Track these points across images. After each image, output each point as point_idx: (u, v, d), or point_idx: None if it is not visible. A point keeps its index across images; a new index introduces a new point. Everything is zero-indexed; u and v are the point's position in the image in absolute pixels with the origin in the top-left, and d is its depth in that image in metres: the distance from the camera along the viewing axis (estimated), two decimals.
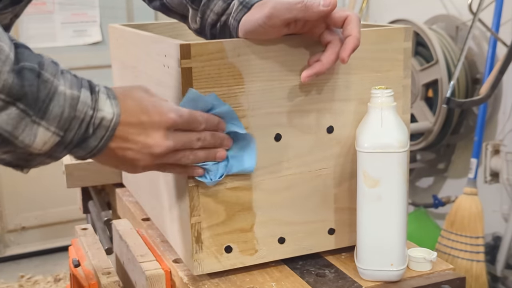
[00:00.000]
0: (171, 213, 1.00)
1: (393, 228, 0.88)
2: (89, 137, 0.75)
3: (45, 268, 3.07)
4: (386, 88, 0.88)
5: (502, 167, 2.29)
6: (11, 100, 0.69)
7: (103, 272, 1.09)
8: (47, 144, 0.73)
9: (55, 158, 0.77)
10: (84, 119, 0.74)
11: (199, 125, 0.83)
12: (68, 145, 0.75)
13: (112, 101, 0.77)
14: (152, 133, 0.79)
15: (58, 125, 0.72)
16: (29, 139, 0.71)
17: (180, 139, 0.81)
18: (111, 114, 0.76)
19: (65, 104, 0.72)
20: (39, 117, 0.71)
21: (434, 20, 2.57)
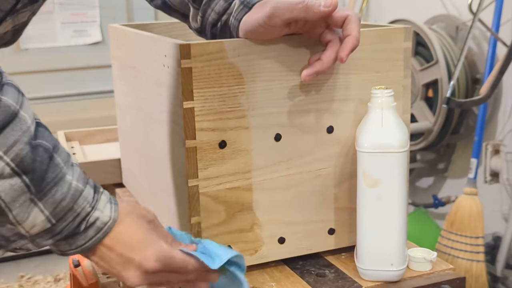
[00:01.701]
0: (171, 213, 0.99)
1: (393, 228, 0.88)
2: (79, 234, 0.74)
3: (45, 268, 3.07)
4: (386, 88, 0.88)
5: (502, 167, 2.29)
6: (19, 171, 0.68)
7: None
8: (36, 228, 0.71)
9: (36, 246, 0.74)
10: (80, 214, 0.73)
11: (186, 274, 0.79)
12: (55, 235, 0.73)
13: (113, 206, 0.75)
14: (130, 269, 0.76)
15: (53, 212, 0.71)
16: (22, 217, 0.70)
17: (158, 280, 0.78)
18: (108, 217, 0.74)
19: (68, 194, 0.71)
20: (38, 197, 0.70)
21: (434, 20, 2.57)
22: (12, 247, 0.75)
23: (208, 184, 0.89)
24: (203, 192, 0.89)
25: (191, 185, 0.88)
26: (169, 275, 0.78)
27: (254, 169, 0.91)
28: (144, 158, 1.14)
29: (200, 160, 0.88)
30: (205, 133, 0.87)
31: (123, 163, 1.39)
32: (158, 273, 0.77)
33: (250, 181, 0.91)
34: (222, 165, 0.89)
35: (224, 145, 0.89)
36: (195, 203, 0.89)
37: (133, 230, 0.76)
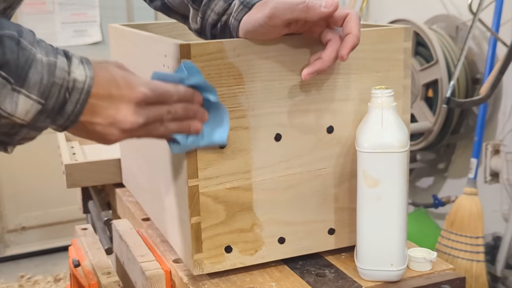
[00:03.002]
0: (171, 213, 1.00)
1: (393, 228, 0.88)
2: (67, 103, 0.74)
3: (45, 268, 3.07)
4: (386, 88, 0.88)
5: (502, 167, 2.29)
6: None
7: (103, 272, 1.09)
8: (30, 113, 0.73)
9: (38, 129, 0.76)
10: (63, 85, 0.73)
11: (170, 97, 0.81)
12: (50, 113, 0.74)
13: (85, 65, 0.76)
14: (122, 107, 0.77)
15: (39, 93, 0.72)
16: (11, 107, 0.71)
17: (150, 113, 0.80)
18: (83, 76, 0.75)
19: (43, 71, 0.72)
20: (19, 85, 0.71)
21: (434, 20, 2.57)
22: (16, 140, 0.77)
23: (208, 184, 0.89)
24: (203, 192, 0.89)
25: (191, 185, 0.88)
26: (158, 108, 0.80)
27: (254, 169, 0.91)
28: (144, 158, 1.14)
29: (200, 160, 0.88)
30: None
31: (123, 163, 1.39)
32: (149, 106, 0.79)
33: (250, 181, 0.91)
34: (222, 165, 0.89)
35: (224, 145, 0.89)
36: (195, 203, 0.89)
37: (113, 73, 0.78)
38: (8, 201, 3.16)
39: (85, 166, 1.50)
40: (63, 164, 1.50)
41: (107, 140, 0.80)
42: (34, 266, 3.11)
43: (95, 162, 1.50)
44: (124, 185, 1.42)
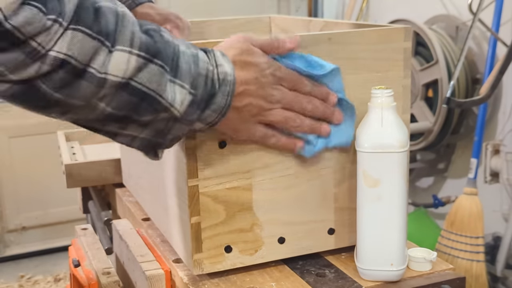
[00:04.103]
0: (171, 213, 1.00)
1: (393, 228, 0.88)
2: (216, 94, 0.76)
3: (45, 268, 3.08)
4: (386, 88, 0.88)
5: (502, 167, 2.29)
6: (150, 57, 0.70)
7: (103, 272, 1.09)
8: (184, 103, 0.74)
9: (189, 124, 0.77)
10: (208, 76, 0.75)
11: (304, 86, 0.83)
12: (199, 103, 0.75)
13: (225, 57, 0.78)
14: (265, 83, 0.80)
15: (189, 82, 0.74)
16: (172, 96, 0.73)
17: (287, 94, 0.82)
18: (231, 69, 0.77)
19: (190, 61, 0.74)
20: (173, 75, 0.73)
21: (434, 20, 2.57)
22: (169, 139, 0.79)
23: (208, 184, 0.89)
24: (203, 192, 0.89)
25: (191, 185, 0.88)
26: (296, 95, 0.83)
27: (254, 169, 0.91)
28: (144, 158, 1.14)
29: (200, 160, 0.88)
30: (205, 133, 0.87)
31: (123, 163, 1.39)
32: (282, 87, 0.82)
33: (250, 181, 0.91)
34: (222, 165, 0.89)
35: (224, 145, 0.89)
36: (195, 203, 0.89)
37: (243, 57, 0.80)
38: (8, 201, 3.16)
39: (85, 166, 1.50)
40: (63, 164, 1.50)
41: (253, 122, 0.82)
42: (34, 266, 3.11)
43: (95, 162, 1.50)
44: (124, 185, 1.42)
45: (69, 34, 0.65)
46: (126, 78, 0.69)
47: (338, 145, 0.90)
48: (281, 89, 0.82)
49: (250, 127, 0.83)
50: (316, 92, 0.85)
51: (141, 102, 0.72)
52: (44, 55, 0.64)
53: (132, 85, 0.70)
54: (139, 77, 0.70)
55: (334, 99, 0.87)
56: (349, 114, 0.90)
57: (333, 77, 0.86)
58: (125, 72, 0.69)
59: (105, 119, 0.73)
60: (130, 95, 0.71)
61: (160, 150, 0.81)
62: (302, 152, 0.88)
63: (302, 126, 0.85)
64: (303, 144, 0.88)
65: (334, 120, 0.88)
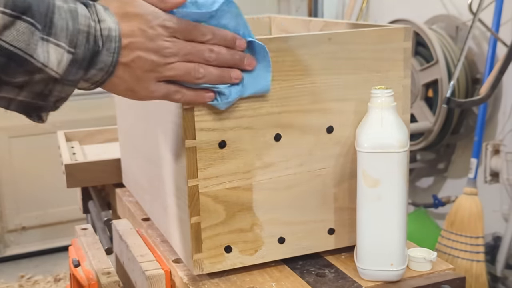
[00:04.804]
0: (171, 213, 1.00)
1: (393, 228, 0.88)
2: (100, 52, 0.72)
3: (45, 268, 3.07)
4: (386, 88, 0.88)
5: (502, 167, 2.29)
6: (17, 14, 0.65)
7: (103, 272, 1.09)
8: (62, 63, 0.69)
9: (71, 84, 0.73)
10: (90, 32, 0.71)
11: (202, 35, 0.77)
12: (81, 62, 0.71)
13: (108, 11, 0.73)
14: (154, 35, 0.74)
15: (67, 40, 0.69)
16: (44, 57, 0.68)
17: (184, 45, 0.76)
18: (114, 23, 0.73)
19: (67, 17, 0.70)
20: (46, 33, 0.68)
21: (434, 20, 2.57)
22: (51, 102, 0.73)
23: (208, 184, 0.89)
24: (203, 192, 0.89)
25: (191, 185, 0.88)
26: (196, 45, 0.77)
27: (254, 169, 0.91)
28: (144, 158, 1.14)
29: (200, 160, 0.88)
30: (205, 133, 0.87)
31: (123, 163, 1.39)
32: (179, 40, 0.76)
33: (250, 181, 0.91)
34: (222, 165, 0.89)
35: (224, 145, 0.89)
36: (195, 203, 0.89)
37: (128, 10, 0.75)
38: (8, 201, 3.16)
39: (85, 166, 1.50)
40: (63, 164, 1.50)
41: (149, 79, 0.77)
42: (34, 266, 3.11)
43: (95, 162, 1.50)
44: (124, 185, 1.42)
45: None
46: None
47: (255, 93, 0.85)
48: (175, 41, 0.76)
49: (147, 86, 0.77)
50: (218, 39, 0.78)
51: (9, 62, 0.67)
52: None
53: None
54: (4, 35, 0.65)
55: (243, 43, 0.80)
56: (262, 56, 0.82)
57: (232, 16, 0.78)
58: None
59: None
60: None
61: (45, 113, 0.76)
62: (216, 104, 0.82)
63: (207, 76, 0.79)
64: (214, 95, 0.81)
65: (246, 66, 0.81)
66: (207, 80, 0.79)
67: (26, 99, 0.72)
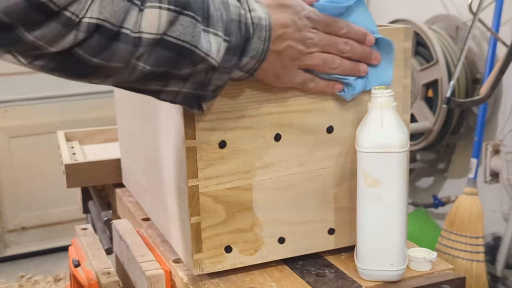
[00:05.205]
0: (171, 213, 1.00)
1: (393, 228, 0.88)
2: (250, 39, 0.76)
3: (45, 268, 3.08)
4: (386, 88, 0.88)
5: (502, 167, 2.29)
6: (179, 9, 0.70)
7: (103, 272, 1.09)
8: (220, 52, 0.74)
9: (227, 71, 0.77)
10: (241, 20, 0.75)
11: (339, 29, 0.84)
12: (235, 49, 0.75)
13: (258, 2, 0.78)
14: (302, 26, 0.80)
15: (223, 29, 0.74)
16: (207, 46, 0.72)
17: (324, 37, 0.82)
18: (264, 13, 0.77)
19: (220, 8, 0.74)
20: (206, 24, 0.72)
21: (434, 20, 2.57)
22: (210, 90, 0.79)
23: (208, 184, 0.89)
24: (203, 192, 0.89)
25: (191, 185, 0.88)
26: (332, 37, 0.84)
27: (254, 169, 0.91)
28: (144, 158, 1.14)
29: (200, 160, 0.88)
30: (205, 133, 0.87)
31: (123, 163, 1.39)
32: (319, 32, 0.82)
33: (250, 181, 0.91)
34: (222, 165, 0.89)
35: (224, 145, 0.89)
36: (195, 203, 0.89)
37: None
38: (8, 201, 3.16)
39: (85, 166, 1.50)
40: (63, 164, 1.50)
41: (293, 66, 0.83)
42: (34, 266, 3.11)
43: (95, 162, 1.50)
44: (124, 185, 1.42)
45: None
46: (160, 33, 0.69)
47: (378, 85, 0.90)
48: (317, 32, 0.83)
49: (290, 72, 0.84)
50: (352, 33, 0.85)
51: (178, 56, 0.72)
52: (79, 23, 0.65)
53: (166, 40, 0.70)
54: (172, 31, 0.70)
55: (372, 39, 0.87)
56: (386, 52, 0.90)
57: (362, 15, 0.87)
58: (158, 28, 0.69)
59: (145, 78, 0.74)
60: (166, 50, 0.71)
61: (204, 103, 0.82)
62: (342, 95, 0.89)
63: (341, 67, 0.86)
64: (342, 86, 0.89)
65: (373, 60, 0.89)
66: (340, 71, 0.86)
67: (190, 90, 0.78)
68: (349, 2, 0.85)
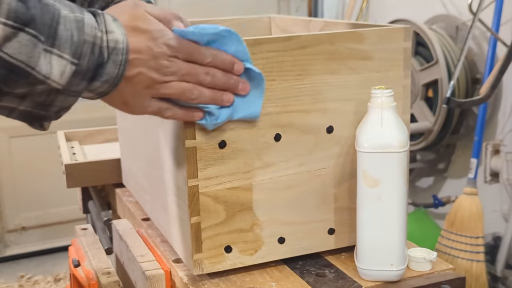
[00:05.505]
0: (171, 213, 1.00)
1: (393, 228, 0.88)
2: (104, 63, 0.72)
3: (45, 268, 3.07)
4: (386, 88, 0.88)
5: (502, 167, 2.29)
6: (19, 25, 0.65)
7: (103, 272, 1.09)
8: (65, 75, 0.69)
9: (74, 95, 0.72)
10: (95, 43, 0.70)
11: (203, 57, 0.78)
12: (85, 73, 0.70)
13: (117, 22, 0.73)
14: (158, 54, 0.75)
15: (71, 51, 0.69)
16: (46, 69, 0.67)
17: (183, 66, 0.77)
18: (122, 35, 0.73)
19: (72, 27, 0.69)
20: (49, 44, 0.67)
21: (434, 20, 2.57)
22: (53, 111, 0.73)
23: (208, 184, 0.89)
24: (203, 192, 0.89)
25: (191, 185, 0.88)
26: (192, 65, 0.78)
27: (254, 169, 0.91)
28: (144, 158, 1.14)
29: (200, 160, 0.88)
30: (205, 133, 0.87)
31: (123, 163, 1.39)
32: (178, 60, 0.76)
33: (250, 181, 0.91)
34: (222, 165, 0.89)
35: (224, 145, 0.89)
36: (195, 203, 0.89)
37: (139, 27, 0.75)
38: (8, 201, 3.16)
39: (85, 166, 1.50)
40: (63, 164, 1.50)
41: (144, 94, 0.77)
42: (34, 266, 3.11)
43: (95, 162, 1.50)
44: (124, 185, 1.42)
45: None
46: None
47: (245, 118, 0.86)
48: (175, 61, 0.77)
49: (142, 101, 0.78)
50: (218, 62, 0.79)
51: (10, 75, 0.66)
52: None
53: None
54: (6, 47, 0.65)
55: (240, 68, 0.81)
56: (257, 83, 0.84)
57: (233, 43, 0.80)
58: None
59: None
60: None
61: (46, 122, 0.76)
62: (203, 123, 0.83)
63: (200, 98, 0.80)
64: (203, 115, 0.83)
65: (239, 90, 0.82)
66: (200, 101, 0.81)
67: (28, 109, 0.72)
68: (217, 29, 0.78)
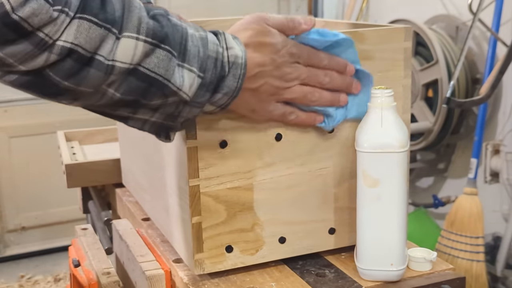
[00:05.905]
0: (171, 213, 1.00)
1: (393, 228, 0.88)
2: (225, 77, 0.77)
3: (45, 268, 3.08)
4: (386, 88, 0.88)
5: (502, 167, 2.29)
6: (157, 42, 0.71)
7: (103, 272, 1.09)
8: (193, 87, 0.75)
9: (198, 106, 0.77)
10: (217, 58, 0.76)
11: (320, 60, 0.84)
12: (209, 86, 0.76)
13: (236, 40, 0.78)
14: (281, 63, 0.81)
15: (198, 66, 0.74)
16: (180, 81, 0.73)
17: (304, 70, 0.83)
18: (241, 51, 0.77)
19: (198, 44, 0.74)
20: (181, 59, 0.73)
21: (434, 20, 2.57)
22: (179, 122, 0.79)
23: (209, 184, 0.89)
24: (204, 192, 0.89)
25: (192, 185, 0.88)
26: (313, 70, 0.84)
27: (255, 169, 0.91)
28: (144, 158, 1.15)
29: (201, 160, 0.88)
30: (206, 133, 0.87)
31: (123, 163, 1.39)
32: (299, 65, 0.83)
33: (251, 181, 0.91)
34: (222, 165, 0.89)
35: (225, 145, 0.89)
36: (196, 203, 0.89)
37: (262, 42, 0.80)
38: (8, 201, 3.16)
39: (85, 166, 1.50)
40: (63, 164, 1.50)
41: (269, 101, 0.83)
42: (34, 266, 3.11)
43: (95, 162, 1.50)
44: (124, 185, 1.42)
45: (76, 23, 0.66)
46: (134, 64, 0.70)
47: (357, 116, 0.91)
48: (297, 66, 0.83)
49: (267, 107, 0.84)
50: (333, 64, 0.86)
51: (149, 87, 0.72)
52: (52, 45, 0.65)
53: (140, 71, 0.71)
54: (146, 62, 0.71)
55: (352, 69, 0.88)
56: (366, 83, 0.91)
57: (346, 47, 0.87)
58: (133, 58, 0.70)
59: (115, 104, 0.74)
60: (138, 81, 0.72)
61: (172, 133, 0.82)
62: (323, 126, 0.90)
63: (321, 100, 0.86)
64: (323, 118, 0.89)
65: (353, 90, 0.89)
66: (320, 103, 0.87)
67: (158, 120, 0.79)
68: (337, 37, 0.85)
